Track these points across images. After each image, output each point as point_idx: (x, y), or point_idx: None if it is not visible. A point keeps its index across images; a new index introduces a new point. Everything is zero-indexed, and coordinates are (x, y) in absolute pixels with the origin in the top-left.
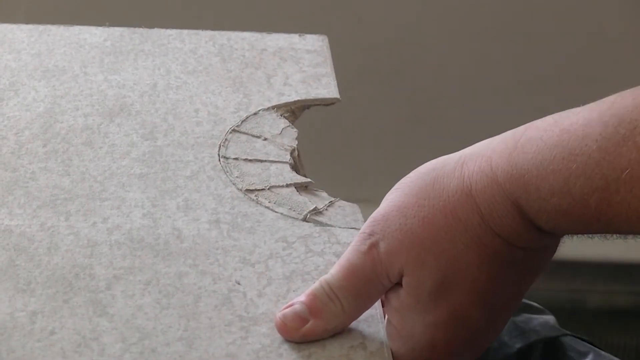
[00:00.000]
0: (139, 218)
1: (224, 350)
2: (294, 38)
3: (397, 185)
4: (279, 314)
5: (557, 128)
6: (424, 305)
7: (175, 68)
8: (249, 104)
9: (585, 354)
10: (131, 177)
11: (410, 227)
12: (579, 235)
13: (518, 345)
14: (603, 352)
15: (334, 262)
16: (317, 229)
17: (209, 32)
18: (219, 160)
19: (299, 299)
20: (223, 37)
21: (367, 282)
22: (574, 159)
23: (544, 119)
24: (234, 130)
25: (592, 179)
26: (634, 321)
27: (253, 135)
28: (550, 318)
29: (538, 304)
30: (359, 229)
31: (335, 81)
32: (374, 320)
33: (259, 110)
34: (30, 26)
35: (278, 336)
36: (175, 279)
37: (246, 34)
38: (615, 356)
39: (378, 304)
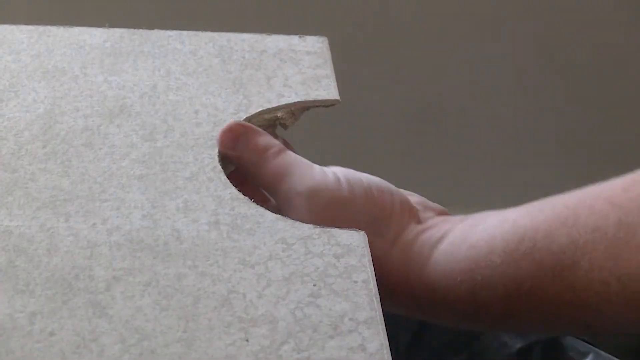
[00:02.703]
0: (139, 219)
1: (223, 352)
2: (294, 39)
3: (352, 190)
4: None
5: (465, 244)
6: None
7: (175, 69)
8: (248, 105)
9: (585, 354)
10: (131, 178)
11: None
12: None
13: (518, 345)
14: (603, 352)
15: (334, 264)
16: (317, 230)
17: (208, 34)
18: (219, 161)
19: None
20: (223, 39)
21: (276, 190)
22: (479, 271)
23: (454, 232)
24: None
25: (495, 290)
26: None
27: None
28: None
29: None
30: (359, 231)
31: (335, 83)
32: (373, 322)
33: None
34: (30, 27)
35: (277, 338)
36: (174, 280)
37: (246, 36)
38: (615, 356)
39: (378, 305)
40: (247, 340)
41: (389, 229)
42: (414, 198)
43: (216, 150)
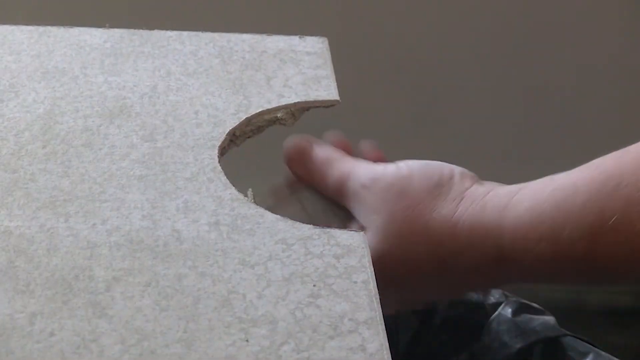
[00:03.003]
0: (139, 220)
1: (223, 352)
2: (294, 40)
3: (410, 168)
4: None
5: (548, 188)
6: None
7: (175, 70)
8: (248, 105)
9: (585, 354)
10: (131, 178)
11: (395, 211)
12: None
13: (518, 346)
14: (603, 352)
15: (334, 264)
16: (317, 231)
17: (209, 34)
18: (219, 162)
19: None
20: (223, 39)
21: (345, 191)
22: (563, 213)
23: (536, 181)
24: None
25: (580, 227)
26: (634, 321)
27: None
28: (550, 318)
29: (538, 304)
30: (359, 232)
31: (335, 83)
32: (373, 322)
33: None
34: (30, 27)
35: (277, 338)
36: (174, 281)
37: (246, 36)
38: (615, 356)
39: (378, 305)
40: (247, 341)
41: (452, 189)
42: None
43: (216, 151)
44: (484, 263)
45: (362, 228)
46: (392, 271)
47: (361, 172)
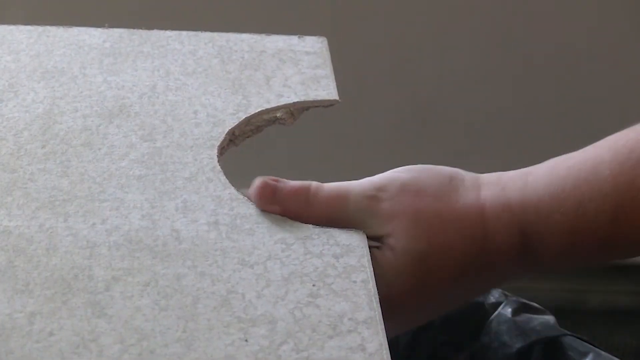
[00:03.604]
0: (138, 219)
1: (222, 352)
2: (293, 40)
3: (412, 171)
4: (261, 180)
5: (565, 164)
6: (397, 265)
7: (174, 69)
8: (248, 105)
9: (585, 354)
10: (130, 178)
11: (420, 208)
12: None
13: (518, 345)
14: (603, 352)
15: (333, 264)
16: (316, 230)
17: (208, 34)
18: (218, 161)
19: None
20: (222, 39)
21: (344, 210)
22: (587, 185)
23: (544, 162)
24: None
25: (605, 199)
26: (634, 321)
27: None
28: (550, 318)
29: (538, 304)
30: (358, 231)
31: (335, 83)
32: (372, 322)
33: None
34: (29, 27)
35: (277, 338)
36: (174, 281)
37: (245, 36)
38: (615, 356)
39: (377, 304)
40: (246, 341)
41: (465, 180)
42: None
43: (215, 151)
44: (513, 245)
45: (377, 240)
46: (428, 267)
47: (361, 187)
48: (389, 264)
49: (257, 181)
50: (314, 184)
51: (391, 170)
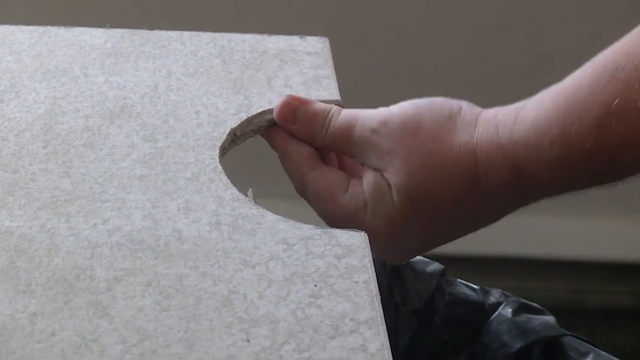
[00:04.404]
0: (140, 220)
1: (224, 352)
2: (295, 40)
3: (416, 106)
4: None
5: (550, 94)
6: (392, 201)
7: (176, 70)
8: (249, 105)
9: (586, 354)
10: (132, 178)
11: (415, 148)
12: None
13: (518, 345)
14: (603, 352)
15: (335, 264)
16: (318, 231)
17: (209, 34)
18: (220, 162)
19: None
20: (224, 39)
21: (348, 140)
22: (569, 109)
23: (541, 92)
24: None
25: (585, 121)
26: (634, 321)
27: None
28: (550, 318)
29: (538, 304)
30: (360, 231)
31: (336, 83)
32: (374, 322)
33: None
34: (30, 27)
35: (278, 338)
36: (175, 281)
37: (247, 36)
38: (615, 356)
39: (379, 305)
40: (248, 341)
41: (465, 117)
42: None
43: (217, 151)
44: (507, 182)
45: (376, 171)
46: (421, 205)
47: (368, 118)
48: (385, 193)
49: (283, 99)
50: (335, 109)
51: (400, 103)
